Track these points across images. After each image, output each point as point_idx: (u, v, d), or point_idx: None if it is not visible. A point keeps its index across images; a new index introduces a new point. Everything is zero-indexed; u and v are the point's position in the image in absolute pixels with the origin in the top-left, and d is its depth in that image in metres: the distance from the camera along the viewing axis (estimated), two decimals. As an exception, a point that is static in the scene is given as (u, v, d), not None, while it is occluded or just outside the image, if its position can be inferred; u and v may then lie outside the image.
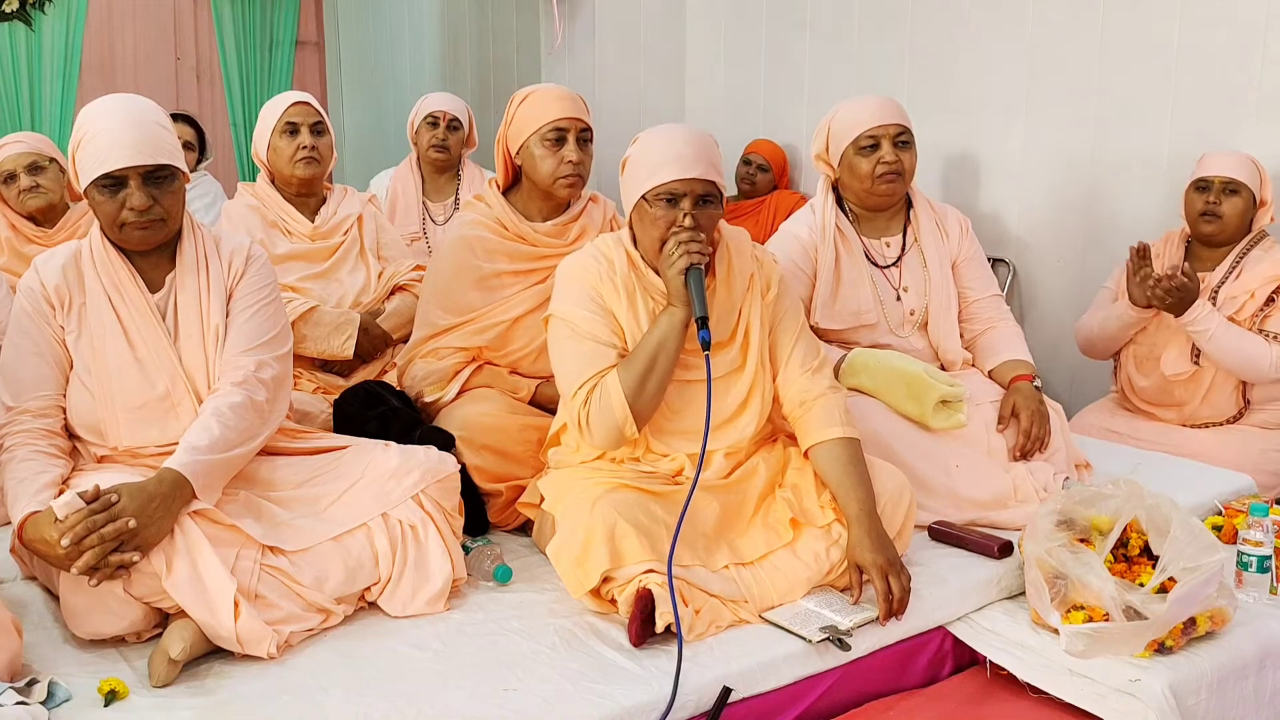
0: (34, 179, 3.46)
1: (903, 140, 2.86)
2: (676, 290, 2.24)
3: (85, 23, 5.66)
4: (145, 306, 2.24)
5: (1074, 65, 3.83)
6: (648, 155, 2.27)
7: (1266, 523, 2.34)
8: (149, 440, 2.21)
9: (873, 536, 2.19)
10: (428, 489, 2.23)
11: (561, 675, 1.96)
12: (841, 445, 2.30)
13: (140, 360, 2.22)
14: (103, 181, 2.15)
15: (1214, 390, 3.23)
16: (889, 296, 2.95)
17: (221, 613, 1.95)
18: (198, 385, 2.25)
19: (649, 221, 2.27)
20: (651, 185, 2.24)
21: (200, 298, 2.27)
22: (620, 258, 2.35)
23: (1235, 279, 3.18)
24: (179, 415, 2.22)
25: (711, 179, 2.26)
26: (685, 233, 2.23)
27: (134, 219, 2.17)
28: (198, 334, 2.26)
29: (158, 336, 2.23)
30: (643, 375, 2.24)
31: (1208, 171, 3.20)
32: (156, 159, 2.16)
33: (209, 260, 2.31)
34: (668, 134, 2.30)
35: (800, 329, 2.42)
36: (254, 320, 2.31)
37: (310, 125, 3.31)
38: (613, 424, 2.24)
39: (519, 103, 2.77)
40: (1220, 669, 2.09)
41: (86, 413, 2.22)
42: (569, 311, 2.32)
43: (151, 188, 2.17)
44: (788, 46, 4.81)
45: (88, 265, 2.24)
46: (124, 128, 2.15)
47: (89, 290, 2.23)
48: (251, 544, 2.07)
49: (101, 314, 2.22)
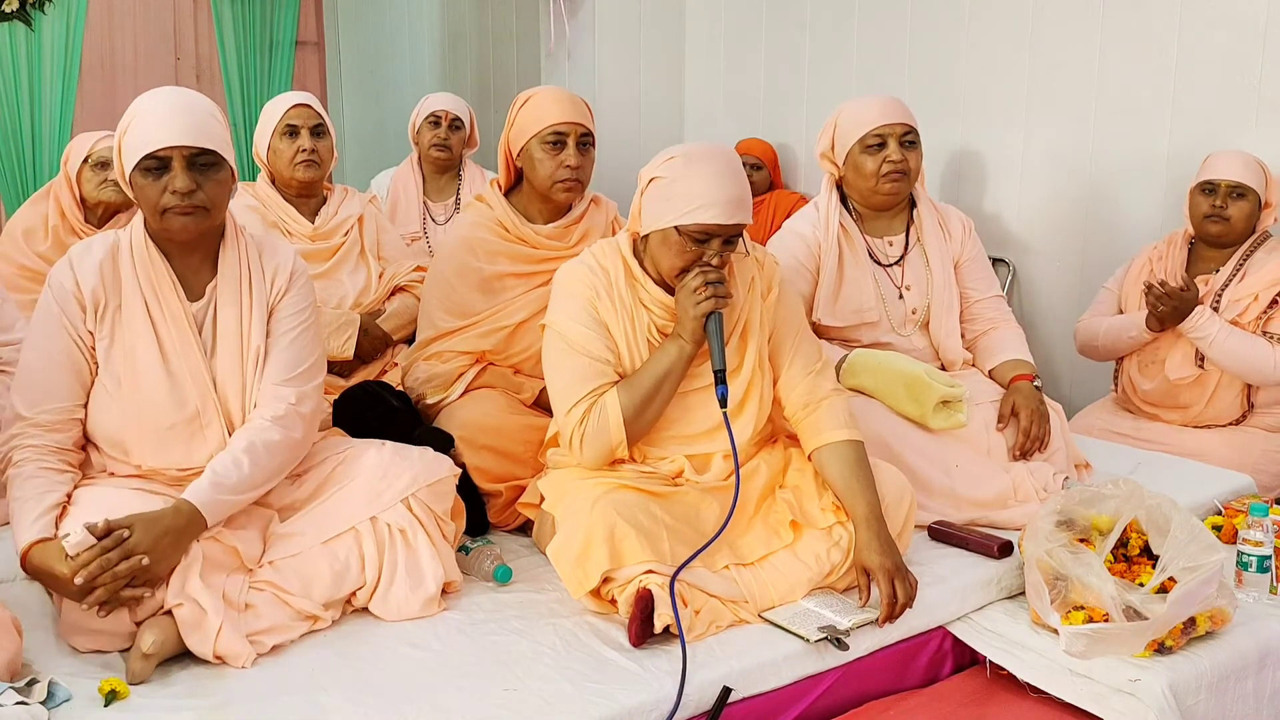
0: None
1: (909, 140, 2.86)
2: (691, 327, 2.22)
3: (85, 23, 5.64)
4: (182, 317, 2.13)
5: (1074, 65, 3.83)
6: (690, 187, 2.18)
7: (1266, 523, 2.34)
8: (172, 462, 2.13)
9: (880, 539, 2.19)
10: (418, 493, 2.20)
11: (561, 675, 1.96)
12: (848, 447, 2.29)
13: (172, 374, 2.12)
14: (146, 164, 2.06)
15: (1219, 393, 3.22)
16: (891, 295, 2.95)
17: (207, 632, 1.95)
18: (230, 408, 2.16)
19: (673, 249, 2.22)
20: (691, 222, 2.18)
21: (241, 313, 2.17)
22: (617, 267, 2.32)
23: (1239, 282, 3.17)
24: (206, 438, 2.14)
25: (746, 222, 2.24)
26: (714, 273, 2.20)
27: (175, 203, 2.06)
28: (236, 353, 2.17)
29: (192, 351, 2.13)
30: (644, 402, 2.24)
31: (1214, 174, 3.18)
32: (201, 142, 2.07)
33: (251, 271, 2.20)
34: (713, 169, 2.19)
35: (802, 331, 2.42)
36: (295, 345, 2.21)
37: (311, 128, 3.31)
38: (606, 445, 2.25)
39: (521, 105, 2.77)
40: (1220, 669, 2.10)
41: (112, 427, 2.12)
42: (564, 324, 2.30)
43: (195, 173, 2.07)
44: (788, 46, 4.81)
45: (125, 263, 2.13)
46: (171, 111, 2.08)
47: (125, 292, 2.12)
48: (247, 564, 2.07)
49: (135, 321, 2.11)
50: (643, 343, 2.31)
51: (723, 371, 2.20)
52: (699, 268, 2.21)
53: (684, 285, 2.22)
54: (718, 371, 2.20)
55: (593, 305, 2.30)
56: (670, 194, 2.21)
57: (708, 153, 2.24)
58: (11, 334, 2.84)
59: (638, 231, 2.31)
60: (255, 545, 2.11)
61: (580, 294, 2.31)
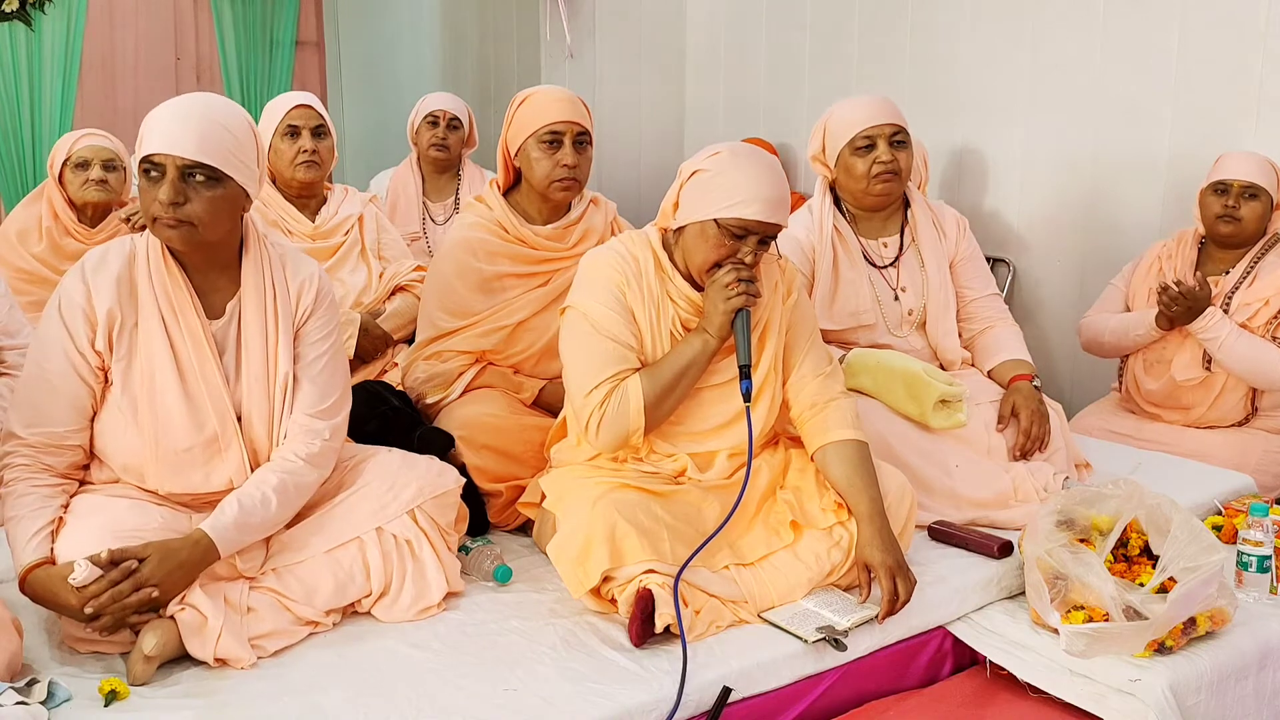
0: (105, 174, 3.50)
1: (898, 140, 2.86)
2: (718, 322, 2.22)
3: (85, 23, 5.65)
4: (201, 337, 2.06)
5: (1074, 65, 3.83)
6: (734, 181, 2.17)
7: (1266, 523, 2.34)
8: (190, 487, 2.08)
9: (883, 536, 2.19)
10: (424, 504, 2.19)
11: (561, 675, 1.96)
12: (854, 446, 2.30)
13: (190, 397, 2.05)
14: (144, 167, 1.99)
15: (1224, 395, 3.21)
16: (887, 297, 2.95)
17: (207, 636, 1.95)
18: (255, 433, 2.10)
19: (709, 242, 2.21)
20: (732, 215, 2.18)
21: (266, 332, 2.10)
22: (647, 258, 2.31)
23: (1249, 285, 3.15)
24: (225, 460, 2.08)
25: (783, 225, 2.24)
26: (746, 271, 2.21)
27: (160, 212, 1.98)
28: (261, 375, 2.10)
29: (211, 372, 2.06)
30: (665, 391, 2.24)
31: (1227, 174, 3.16)
32: (196, 155, 1.97)
33: (275, 286, 2.12)
34: (758, 167, 2.20)
35: (814, 335, 2.42)
36: (326, 372, 2.16)
37: (311, 128, 3.31)
38: (623, 430, 2.24)
39: (518, 104, 2.77)
40: (1220, 669, 2.10)
41: (129, 453, 2.05)
42: (590, 307, 2.28)
43: (186, 185, 1.98)
44: (788, 46, 4.81)
45: (142, 276, 2.05)
46: (178, 118, 2.00)
47: (142, 308, 2.04)
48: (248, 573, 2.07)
49: (153, 340, 2.03)
50: (666, 335, 2.30)
51: (748, 366, 2.21)
52: (731, 264, 2.21)
53: (715, 280, 2.22)
54: (743, 366, 2.21)
55: (621, 291, 2.29)
56: (713, 186, 2.21)
57: (753, 151, 2.26)
58: (18, 338, 2.84)
59: (668, 227, 2.31)
60: (257, 559, 2.10)
61: (610, 279, 2.29)
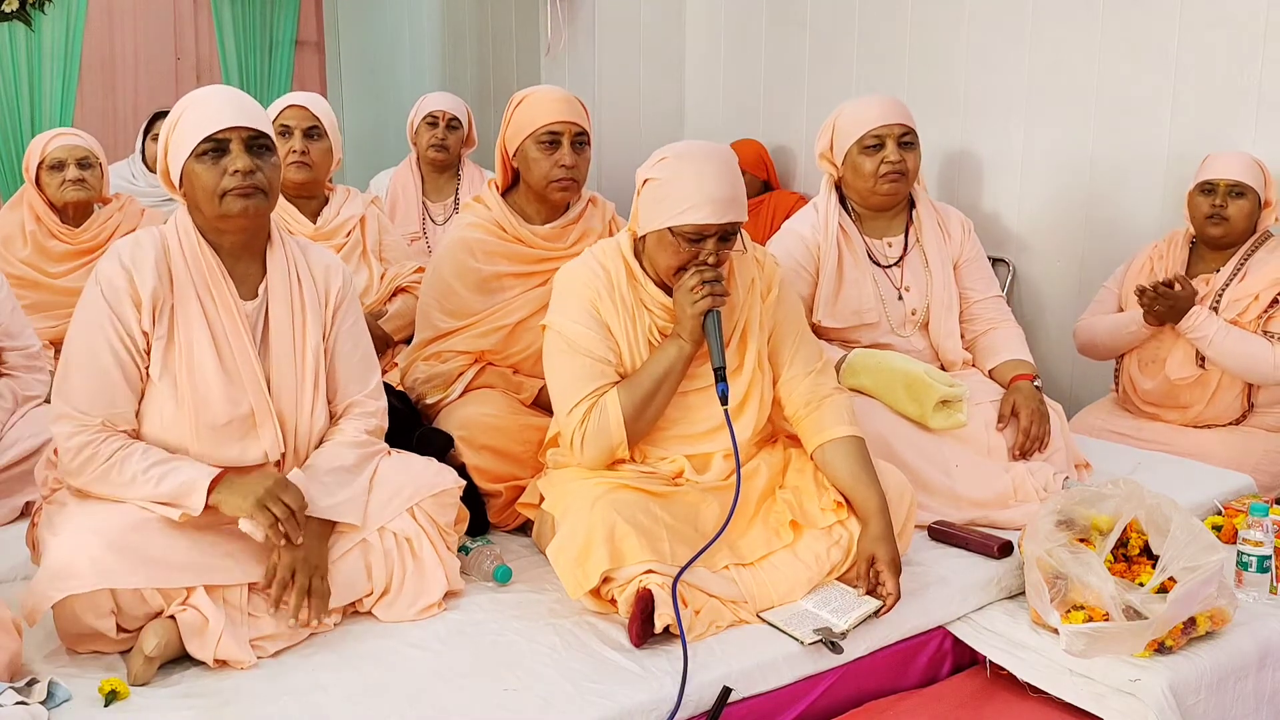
0: (81, 173, 3.49)
1: (907, 140, 2.86)
2: (689, 326, 2.22)
3: (85, 23, 5.64)
4: (236, 316, 2.12)
5: (1074, 65, 3.83)
6: (681, 187, 2.18)
7: (1266, 523, 2.34)
8: (228, 461, 2.10)
9: (891, 531, 2.21)
10: (423, 502, 2.20)
11: (561, 675, 1.96)
12: (853, 443, 2.30)
13: (227, 373, 2.11)
14: (203, 148, 2.04)
15: (1220, 393, 3.21)
16: (891, 296, 2.95)
17: (208, 638, 1.96)
18: (284, 409, 2.16)
19: (669, 250, 2.22)
20: (682, 222, 2.18)
21: (293, 312, 2.18)
22: (618, 267, 2.32)
23: (1239, 282, 3.16)
24: (259, 436, 2.13)
25: (741, 220, 2.24)
26: (710, 272, 2.20)
27: (235, 184, 2.04)
28: (289, 353, 2.17)
29: (247, 349, 2.12)
30: (644, 401, 2.25)
31: (1213, 174, 3.17)
32: (258, 125, 2.09)
33: (300, 272, 2.21)
34: (702, 168, 2.19)
35: (801, 331, 2.42)
36: (368, 356, 2.31)
37: (304, 129, 3.27)
38: (607, 445, 2.25)
39: (516, 105, 2.77)
40: (1220, 669, 2.10)
41: (172, 429, 2.09)
42: (564, 325, 2.30)
43: (254, 155, 2.07)
44: (788, 46, 4.81)
45: (178, 261, 2.11)
46: (225, 99, 2.10)
47: (179, 291, 2.10)
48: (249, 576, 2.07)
49: (191, 319, 2.10)
50: (644, 343, 2.31)
51: (722, 369, 2.20)
52: (695, 267, 2.21)
53: (681, 285, 2.23)
54: (717, 369, 2.20)
55: (594, 305, 2.30)
56: (663, 195, 2.21)
57: (699, 152, 2.24)
58: (20, 340, 2.84)
59: (637, 231, 2.31)
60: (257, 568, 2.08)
61: (581, 294, 2.30)
